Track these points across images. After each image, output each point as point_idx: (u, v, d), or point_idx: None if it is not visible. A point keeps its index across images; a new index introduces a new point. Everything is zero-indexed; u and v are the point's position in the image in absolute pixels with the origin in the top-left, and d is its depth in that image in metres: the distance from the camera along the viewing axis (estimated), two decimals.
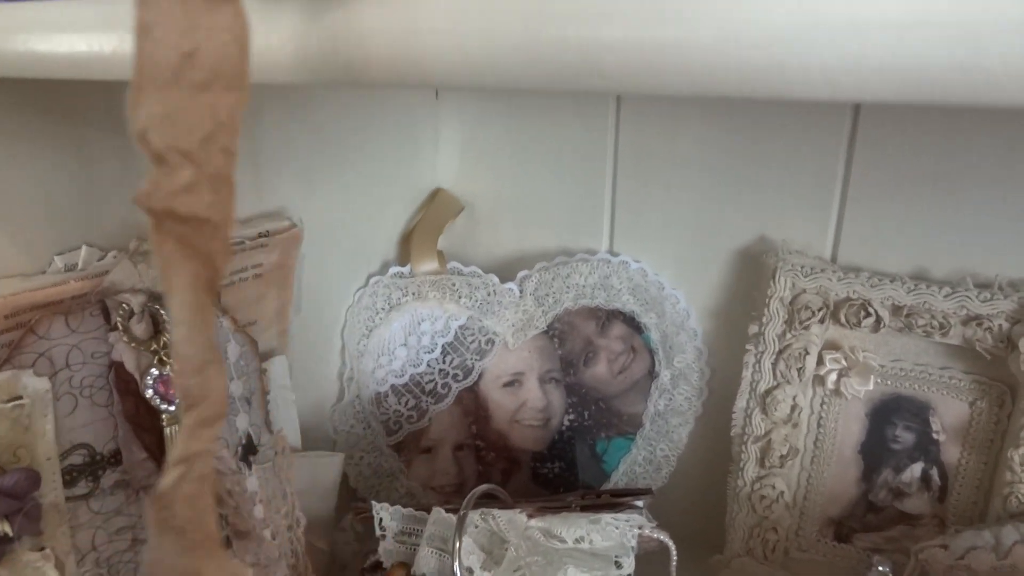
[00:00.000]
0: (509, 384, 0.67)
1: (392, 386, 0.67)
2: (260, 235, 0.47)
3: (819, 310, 0.57)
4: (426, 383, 0.67)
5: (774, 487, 0.61)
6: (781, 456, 0.60)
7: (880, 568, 0.48)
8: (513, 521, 0.45)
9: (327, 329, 0.63)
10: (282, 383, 0.50)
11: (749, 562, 0.62)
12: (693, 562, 0.60)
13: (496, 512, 0.45)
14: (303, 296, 0.56)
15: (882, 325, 0.55)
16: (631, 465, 0.68)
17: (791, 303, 0.58)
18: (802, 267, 0.58)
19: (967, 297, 0.53)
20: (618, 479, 0.68)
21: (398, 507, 0.47)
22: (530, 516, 0.46)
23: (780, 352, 0.59)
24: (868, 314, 0.55)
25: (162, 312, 0.39)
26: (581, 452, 0.68)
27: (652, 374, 0.67)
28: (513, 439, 0.68)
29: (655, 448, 0.68)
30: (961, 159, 0.54)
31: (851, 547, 0.61)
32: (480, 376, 0.67)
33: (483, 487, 0.44)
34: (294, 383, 0.57)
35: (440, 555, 0.43)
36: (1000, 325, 0.52)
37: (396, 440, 0.67)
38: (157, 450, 0.39)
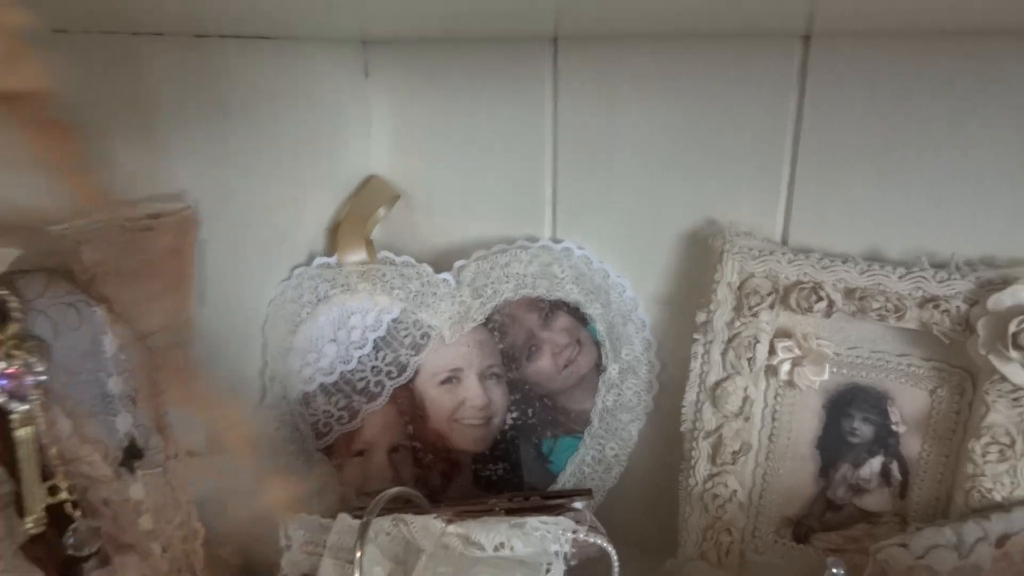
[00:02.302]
0: (447, 381, 0.63)
1: (321, 385, 0.62)
2: (147, 216, 0.42)
3: (768, 295, 0.53)
4: (357, 381, 0.62)
5: (727, 485, 0.57)
6: (733, 452, 0.56)
7: (834, 570, 0.44)
8: (428, 527, 0.40)
9: (244, 324, 0.59)
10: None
11: (703, 566, 0.58)
12: (647, 567, 0.56)
13: (409, 518, 0.41)
14: (211, 288, 0.52)
15: (834, 309, 0.52)
16: (579, 465, 0.64)
17: (739, 288, 0.54)
18: (750, 249, 0.54)
19: (923, 278, 0.50)
20: (566, 480, 0.64)
21: (304, 515, 0.43)
22: (449, 521, 0.41)
23: (729, 341, 0.55)
24: (820, 298, 0.52)
25: (9, 301, 0.34)
26: (526, 452, 0.63)
27: (599, 368, 0.63)
28: (453, 439, 0.63)
29: (604, 447, 0.64)
30: (915, 132, 0.51)
31: (810, 548, 0.57)
32: (415, 373, 0.62)
33: (393, 490, 0.40)
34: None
35: (344, 566, 0.39)
36: (958, 307, 0.49)
37: (326, 443, 0.62)
38: (6, 452, 0.34)
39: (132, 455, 0.41)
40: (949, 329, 0.49)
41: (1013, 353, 0.45)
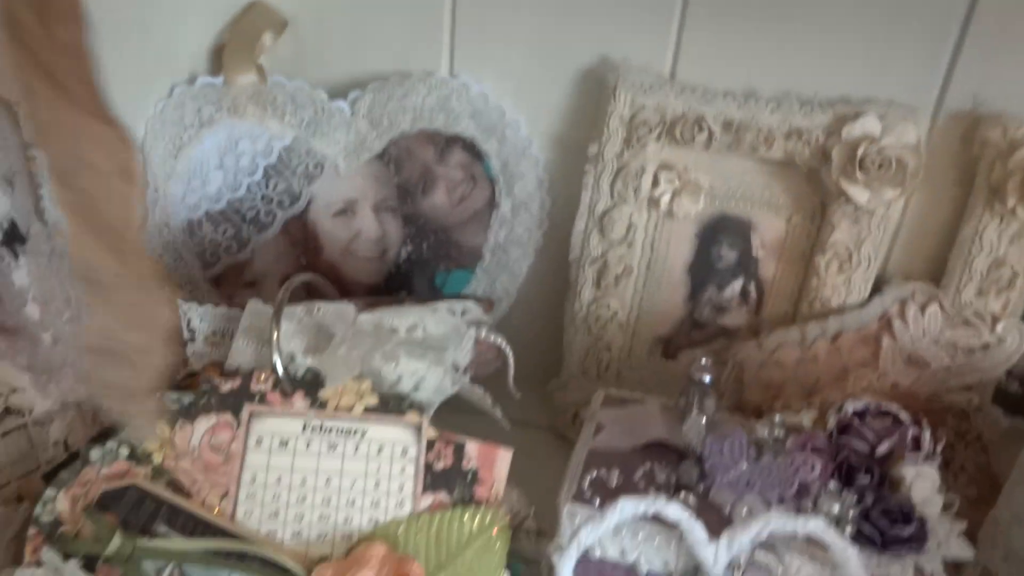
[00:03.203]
0: (341, 213, 0.62)
1: (207, 212, 0.60)
2: None
3: (656, 126, 0.57)
4: (247, 210, 0.60)
5: (609, 307, 0.62)
6: (616, 276, 0.61)
7: (703, 361, 0.50)
8: (341, 312, 0.41)
9: None
10: None
11: (584, 381, 0.64)
12: (532, 391, 0.60)
13: (322, 304, 0.42)
14: None
15: (714, 140, 0.56)
16: None
17: (630, 120, 0.57)
18: (641, 84, 0.57)
19: (790, 111, 0.55)
20: None
21: (208, 306, 0.42)
22: (360, 311, 0.43)
23: (618, 172, 0.59)
24: (701, 129, 0.56)
25: None
26: (419, 285, 0.65)
27: (492, 204, 0.65)
28: (347, 272, 0.64)
29: (495, 281, 0.66)
30: None
31: (677, 363, 0.64)
32: (309, 203, 0.61)
33: (303, 275, 0.40)
34: None
35: (257, 346, 0.39)
36: (817, 138, 0.55)
37: (214, 273, 0.61)
38: None
39: (14, 238, 0.38)
40: (808, 158, 0.55)
41: (859, 175, 0.52)
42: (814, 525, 0.37)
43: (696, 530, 0.38)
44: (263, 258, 0.62)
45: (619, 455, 0.46)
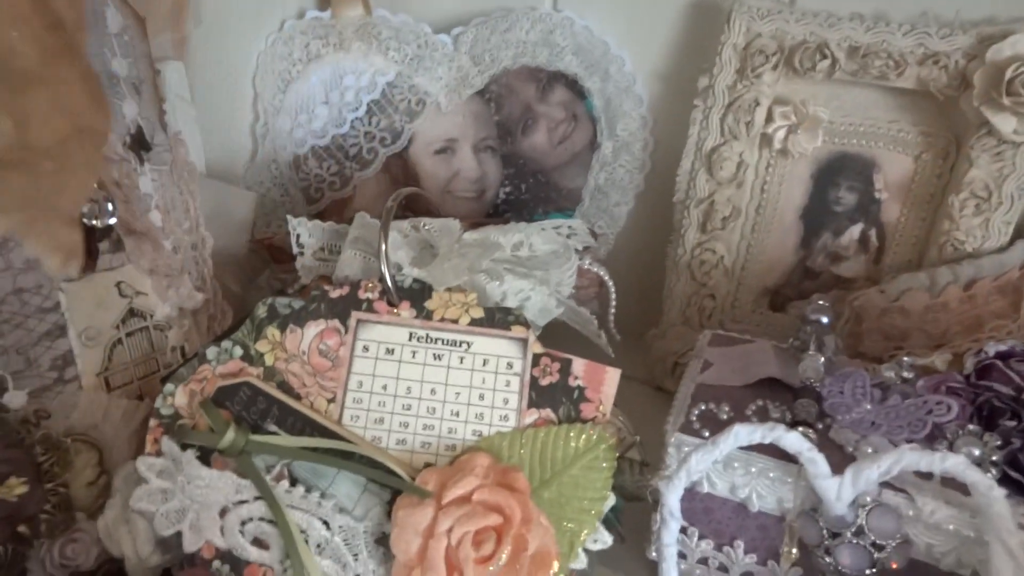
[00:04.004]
0: (441, 151, 0.62)
1: (312, 148, 0.61)
2: None
3: (773, 55, 0.53)
4: (350, 147, 0.61)
5: (714, 251, 0.59)
6: (724, 218, 0.58)
7: (820, 301, 0.47)
8: (447, 227, 0.41)
9: (235, 74, 0.56)
10: (179, 93, 0.43)
11: (685, 330, 0.61)
12: (629, 342, 0.58)
13: (428, 220, 0.41)
14: (199, 37, 0.48)
15: (837, 68, 0.52)
16: None
17: (745, 49, 0.54)
18: (758, 9, 0.54)
19: (926, 34, 0.50)
20: None
21: (317, 222, 0.42)
22: (465, 230, 0.42)
23: (729, 106, 0.56)
24: (824, 56, 0.52)
25: None
26: None
27: (593, 145, 0.63)
28: (445, 212, 0.62)
29: (593, 225, 0.65)
30: None
31: (785, 316, 0.61)
32: (410, 141, 0.61)
33: (409, 189, 0.40)
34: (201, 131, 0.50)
35: (365, 257, 0.39)
36: (956, 62, 0.50)
37: (317, 209, 0.62)
38: None
39: (140, 145, 0.39)
40: (945, 86, 0.50)
41: (1006, 100, 0.47)
42: (954, 462, 0.33)
43: (818, 462, 0.35)
44: (364, 195, 0.62)
45: (728, 391, 0.43)
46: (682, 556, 0.42)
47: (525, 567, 0.33)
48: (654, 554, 0.42)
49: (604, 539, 0.36)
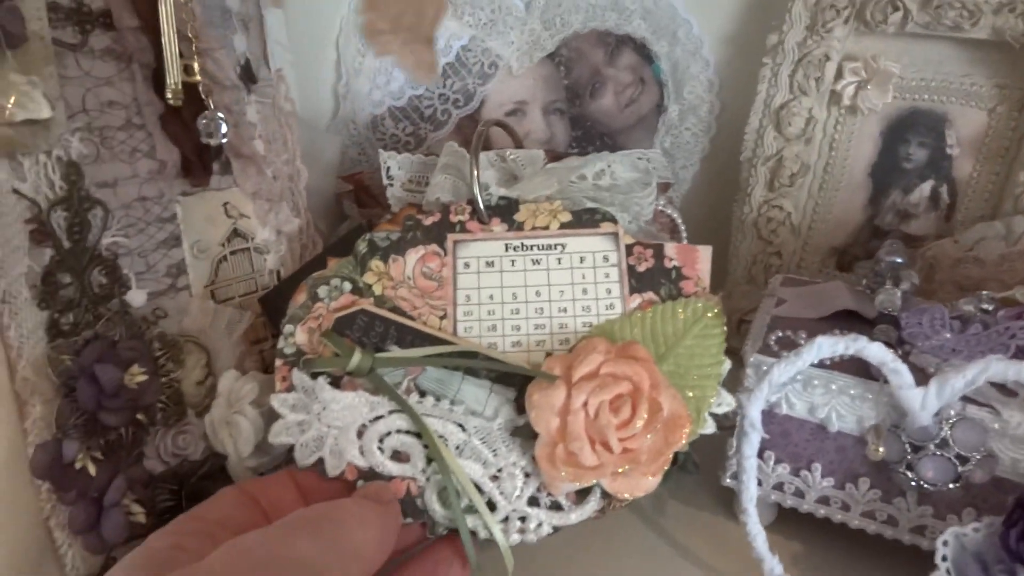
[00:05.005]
0: (512, 113, 0.64)
1: (389, 109, 0.63)
2: None
3: (844, 8, 0.54)
4: (425, 108, 0.63)
5: (782, 208, 0.60)
6: (792, 175, 0.59)
7: (893, 243, 0.47)
8: (531, 157, 0.43)
9: (320, 37, 0.59)
10: (278, 39, 0.46)
11: (750, 289, 0.62)
12: None
13: (513, 150, 0.43)
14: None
15: (909, 20, 0.53)
16: None
17: (815, 4, 0.55)
18: None
19: None
20: None
21: (407, 154, 0.45)
22: (548, 161, 0.44)
23: (799, 62, 0.57)
24: (896, 8, 0.53)
25: None
26: None
27: (660, 108, 0.64)
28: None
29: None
30: None
31: (852, 276, 0.61)
32: (482, 103, 0.64)
33: (496, 118, 0.42)
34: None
35: (455, 181, 0.41)
36: None
37: None
38: (150, 17, 0.35)
39: (248, 77, 0.42)
40: (1021, 34, 0.50)
41: None
42: None
43: (902, 372, 0.36)
44: None
45: (804, 322, 0.44)
46: (758, 483, 0.42)
47: (662, 429, 0.34)
48: (729, 480, 0.43)
49: (728, 401, 0.38)
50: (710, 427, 0.37)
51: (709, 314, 0.38)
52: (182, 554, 0.26)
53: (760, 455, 0.41)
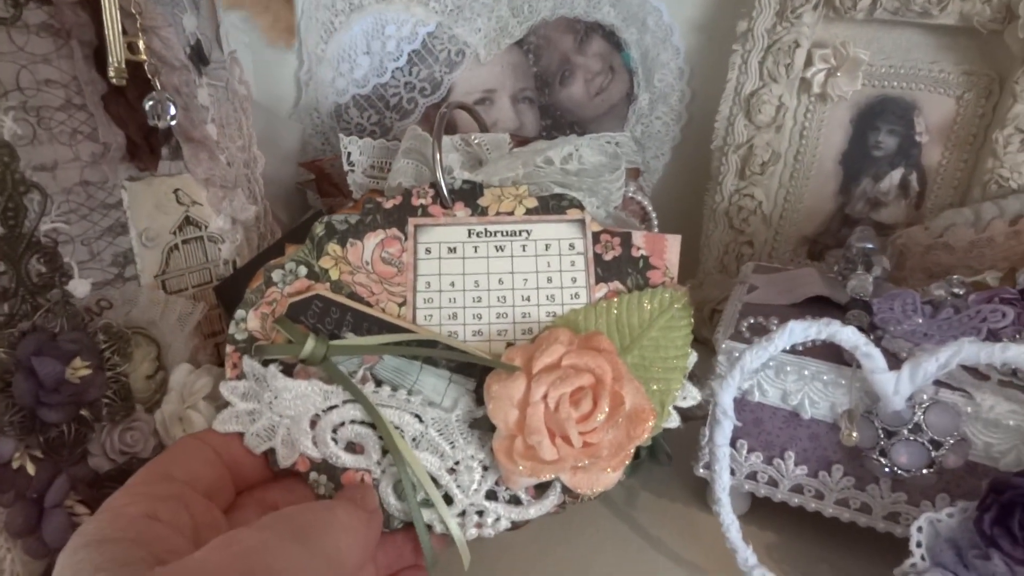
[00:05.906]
0: (480, 102, 0.63)
1: (354, 97, 0.62)
2: None
3: None
4: (391, 96, 0.62)
5: (753, 197, 0.59)
6: (762, 163, 0.58)
7: (863, 230, 0.46)
8: (496, 141, 0.41)
9: None
10: (233, 20, 0.44)
11: (722, 278, 0.61)
12: None
13: (477, 134, 0.42)
14: None
15: (878, 6, 0.53)
16: None
17: None
18: None
19: None
20: None
21: (368, 139, 0.43)
22: (513, 146, 0.42)
23: (768, 48, 0.56)
24: None
25: None
26: None
27: (630, 96, 0.63)
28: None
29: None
30: None
31: (823, 264, 0.61)
32: (449, 91, 0.62)
33: (460, 101, 0.40)
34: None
35: (417, 166, 0.40)
36: None
37: None
38: None
39: (198, 58, 0.40)
40: (988, 19, 0.50)
41: None
42: (1016, 351, 0.33)
43: (875, 356, 0.35)
44: None
45: (776, 309, 0.43)
46: (731, 473, 0.41)
47: (624, 423, 0.33)
48: (702, 470, 0.42)
49: (693, 395, 0.36)
50: (674, 421, 0.36)
51: (676, 305, 0.37)
52: (160, 527, 0.25)
53: (733, 444, 0.40)
